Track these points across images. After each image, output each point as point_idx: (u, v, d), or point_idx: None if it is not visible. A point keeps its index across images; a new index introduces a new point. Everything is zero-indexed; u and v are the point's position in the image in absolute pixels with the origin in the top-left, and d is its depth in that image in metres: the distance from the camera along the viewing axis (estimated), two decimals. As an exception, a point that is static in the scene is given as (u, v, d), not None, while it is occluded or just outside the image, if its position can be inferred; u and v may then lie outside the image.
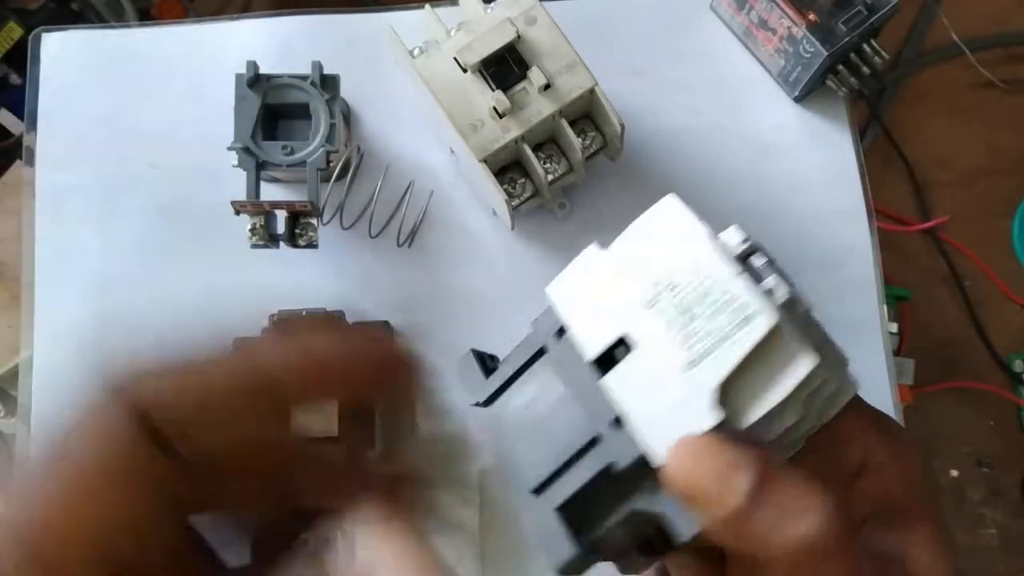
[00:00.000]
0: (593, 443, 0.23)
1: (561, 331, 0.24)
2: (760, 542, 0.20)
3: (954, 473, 1.12)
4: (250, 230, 0.44)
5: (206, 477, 0.20)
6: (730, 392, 0.21)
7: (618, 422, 0.22)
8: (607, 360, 0.23)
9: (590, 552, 0.23)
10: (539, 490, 0.24)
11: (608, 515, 0.23)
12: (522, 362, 0.25)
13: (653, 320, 0.22)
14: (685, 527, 0.21)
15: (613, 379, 0.23)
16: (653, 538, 0.25)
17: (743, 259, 0.23)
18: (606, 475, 0.23)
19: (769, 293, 0.22)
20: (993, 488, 1.11)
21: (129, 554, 0.18)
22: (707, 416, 0.21)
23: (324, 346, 0.21)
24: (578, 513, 0.23)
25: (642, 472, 0.22)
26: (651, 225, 0.24)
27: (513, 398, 0.25)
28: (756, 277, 0.23)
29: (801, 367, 0.21)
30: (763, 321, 0.21)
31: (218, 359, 0.20)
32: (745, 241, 0.23)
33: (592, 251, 0.25)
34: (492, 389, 0.26)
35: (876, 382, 0.50)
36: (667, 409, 0.22)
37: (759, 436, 0.22)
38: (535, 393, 0.25)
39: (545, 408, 0.25)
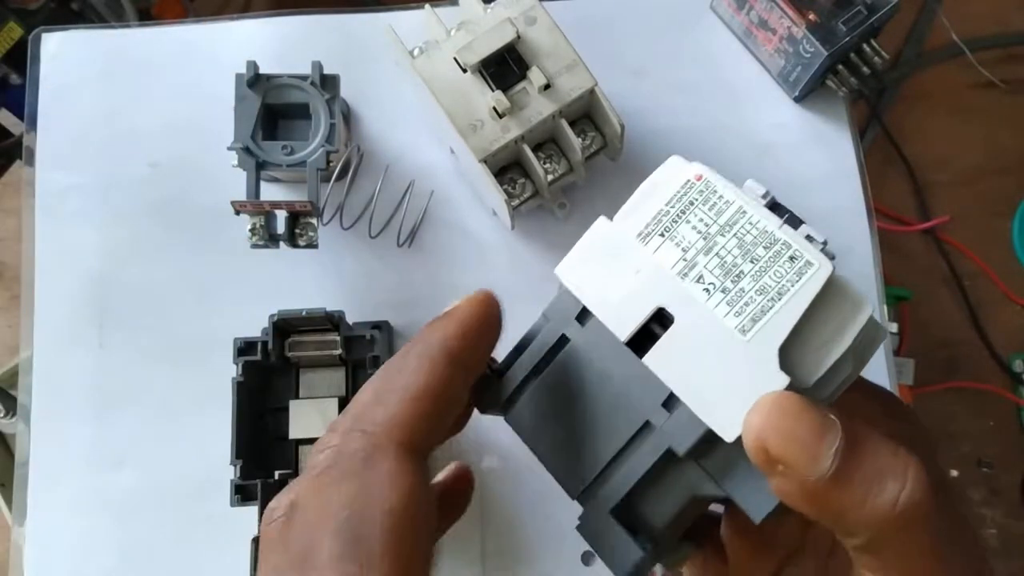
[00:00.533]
0: (641, 432, 0.21)
1: (582, 315, 0.22)
2: (847, 508, 0.18)
3: (954, 473, 1.11)
4: (250, 230, 0.44)
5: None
6: (790, 351, 0.20)
7: (669, 403, 0.20)
8: (642, 338, 0.21)
9: (655, 554, 0.21)
10: (583, 495, 0.22)
11: (666, 508, 0.21)
12: (540, 356, 0.23)
13: (689, 286, 0.21)
14: (760, 505, 0.19)
15: (656, 356, 0.21)
16: (697, 525, 0.24)
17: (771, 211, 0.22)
18: (663, 463, 0.21)
19: (811, 240, 0.21)
20: (993, 488, 1.11)
21: None
22: (774, 379, 0.19)
23: (468, 316, 0.23)
24: (632, 511, 0.21)
25: (703, 453, 0.20)
26: (661, 189, 0.22)
27: (535, 398, 0.23)
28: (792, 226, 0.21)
29: (862, 314, 0.20)
30: (820, 271, 0.20)
31: (428, 371, 0.22)
32: (766, 195, 0.22)
33: (602, 224, 0.23)
34: (507, 393, 0.23)
35: (876, 382, 0.50)
36: (727, 379, 0.20)
37: (818, 395, 0.20)
38: (558, 388, 0.23)
39: (575, 403, 0.22)
